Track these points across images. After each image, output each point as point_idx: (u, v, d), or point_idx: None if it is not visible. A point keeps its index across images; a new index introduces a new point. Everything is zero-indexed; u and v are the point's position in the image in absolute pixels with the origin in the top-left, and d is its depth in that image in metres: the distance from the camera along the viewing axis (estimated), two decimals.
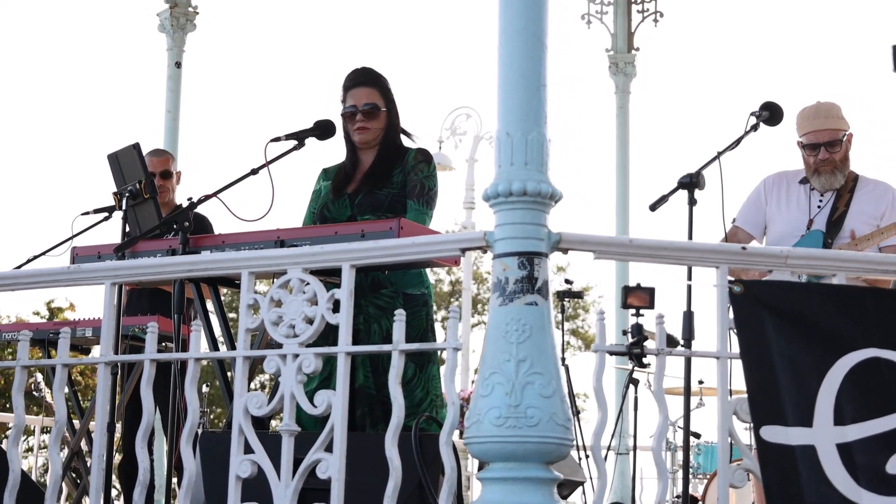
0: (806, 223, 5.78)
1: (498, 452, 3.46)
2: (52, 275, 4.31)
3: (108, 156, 5.62)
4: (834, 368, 3.53)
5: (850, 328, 3.59)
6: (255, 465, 3.82)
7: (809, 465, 3.48)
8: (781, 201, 5.87)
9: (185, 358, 4.01)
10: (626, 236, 3.66)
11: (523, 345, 3.48)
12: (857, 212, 5.77)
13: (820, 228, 5.73)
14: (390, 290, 5.25)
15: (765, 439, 3.52)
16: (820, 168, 5.79)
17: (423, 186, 5.34)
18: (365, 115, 5.44)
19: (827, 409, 3.51)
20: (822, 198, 5.84)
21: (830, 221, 5.76)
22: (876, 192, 5.85)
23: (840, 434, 3.51)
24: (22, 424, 4.24)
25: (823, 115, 5.80)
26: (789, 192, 5.89)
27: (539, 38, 3.63)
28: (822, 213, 5.79)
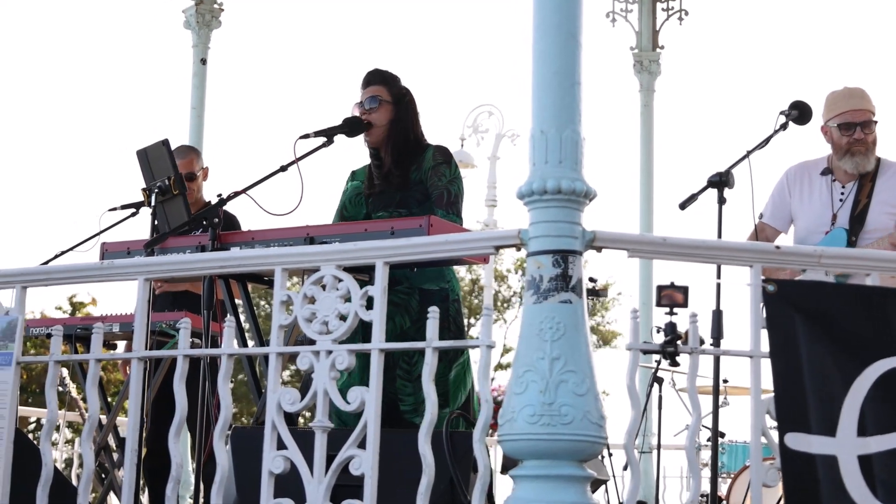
0: (830, 217, 5.73)
1: (531, 450, 3.46)
2: (86, 270, 4.33)
3: (137, 152, 5.63)
4: (861, 377, 3.52)
5: (881, 333, 3.57)
6: (288, 461, 3.83)
7: (829, 475, 3.47)
8: (804, 194, 5.82)
9: (219, 354, 4.01)
10: (660, 235, 3.65)
11: (557, 343, 3.47)
12: (879, 202, 5.72)
13: (843, 226, 5.68)
14: (405, 287, 5.26)
15: (788, 446, 3.51)
16: (854, 149, 5.72)
17: (448, 194, 5.35)
18: (368, 111, 5.48)
19: (851, 419, 3.50)
20: (843, 189, 5.78)
21: (853, 216, 5.71)
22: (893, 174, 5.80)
23: (862, 445, 3.49)
24: (55, 419, 4.26)
25: (859, 96, 5.76)
26: (811, 184, 5.83)
27: (573, 36, 3.63)
28: (845, 207, 5.73)
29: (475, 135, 17.28)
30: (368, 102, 5.53)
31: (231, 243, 5.09)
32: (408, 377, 5.13)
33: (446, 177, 5.40)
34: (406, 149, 5.52)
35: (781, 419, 3.53)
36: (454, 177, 5.44)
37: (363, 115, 5.52)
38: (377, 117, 5.52)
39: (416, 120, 5.62)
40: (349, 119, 5.52)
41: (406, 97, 5.60)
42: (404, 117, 5.56)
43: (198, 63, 10.25)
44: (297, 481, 3.86)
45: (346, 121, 5.50)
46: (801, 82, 31.61)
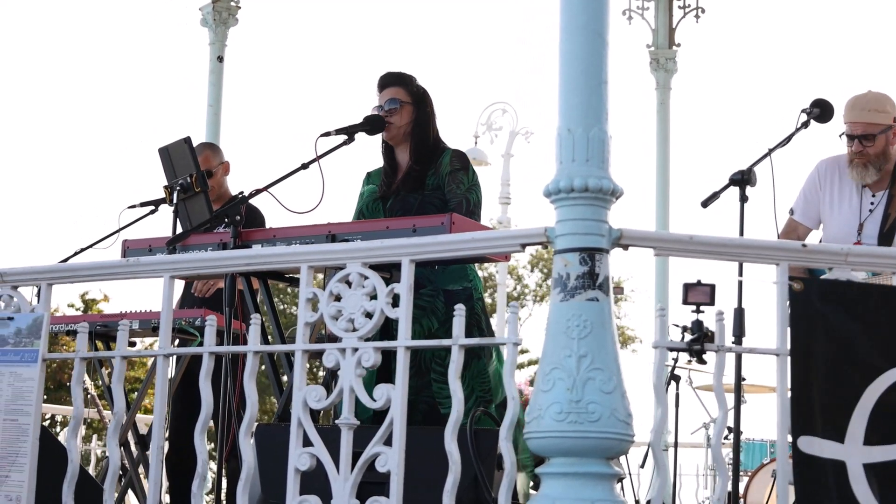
0: (856, 227, 5.64)
1: (558, 447, 3.47)
2: (112, 267, 4.35)
3: (159, 149, 5.65)
4: (875, 384, 3.53)
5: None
6: (314, 458, 3.84)
7: (838, 481, 3.48)
8: (835, 195, 5.72)
9: (245, 351, 4.02)
10: (687, 233, 3.65)
11: (584, 340, 3.48)
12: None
13: (870, 239, 5.58)
14: (430, 289, 5.26)
15: (801, 450, 3.52)
16: (853, 160, 5.68)
17: (468, 203, 5.35)
18: (389, 112, 5.50)
19: (860, 426, 3.51)
20: (873, 198, 5.69)
21: (882, 233, 5.61)
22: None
23: (868, 454, 3.50)
24: (81, 416, 4.28)
25: (860, 107, 5.67)
26: (842, 184, 5.74)
27: (600, 35, 3.64)
28: (874, 219, 5.63)
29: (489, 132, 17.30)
30: (388, 104, 5.54)
31: (252, 241, 5.10)
32: (442, 379, 5.12)
33: (465, 184, 5.40)
34: (425, 149, 5.53)
35: (795, 422, 3.53)
36: (472, 184, 5.44)
37: (384, 117, 5.53)
38: (398, 118, 5.53)
39: (435, 120, 5.64)
40: (370, 117, 5.53)
41: (424, 97, 5.62)
42: (424, 118, 5.58)
43: (214, 61, 10.23)
44: (321, 478, 3.87)
45: (366, 119, 5.52)
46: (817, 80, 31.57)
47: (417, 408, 5.12)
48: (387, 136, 5.59)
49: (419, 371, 5.15)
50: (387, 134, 5.58)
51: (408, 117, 5.55)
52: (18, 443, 4.21)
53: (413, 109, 5.57)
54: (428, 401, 5.13)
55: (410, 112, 5.56)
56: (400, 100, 5.55)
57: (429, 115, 5.61)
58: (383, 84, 5.63)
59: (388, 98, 5.57)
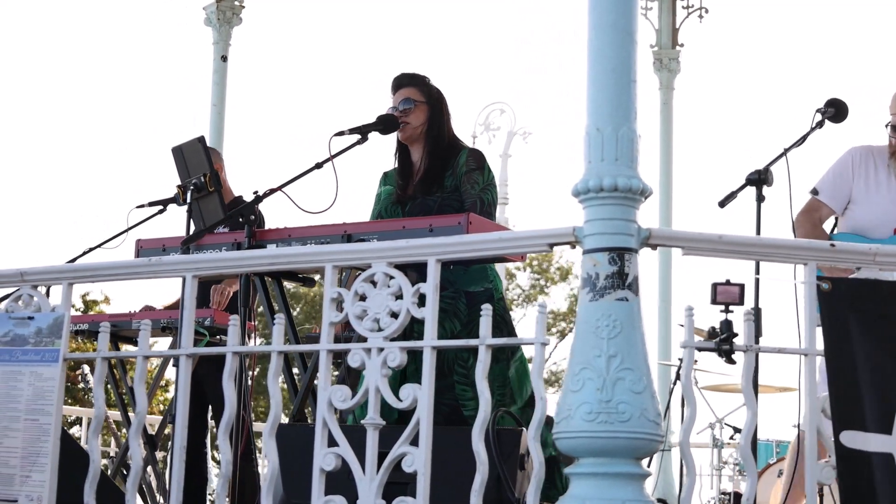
0: (894, 215, 5.55)
1: (588, 447, 3.46)
2: (134, 267, 4.33)
3: (173, 149, 5.64)
4: None
5: None
6: (339, 459, 3.83)
7: (886, 472, 3.48)
8: (870, 180, 5.58)
9: (269, 351, 4.01)
10: (716, 233, 3.65)
11: (614, 340, 3.47)
12: None
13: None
14: (451, 291, 5.23)
15: (844, 444, 3.51)
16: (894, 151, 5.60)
17: (482, 203, 5.34)
18: (403, 112, 5.49)
19: None
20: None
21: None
22: None
23: None
24: (102, 416, 4.26)
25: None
26: (878, 172, 5.61)
27: (629, 33, 3.64)
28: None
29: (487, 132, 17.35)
30: (402, 104, 5.53)
31: (267, 240, 5.09)
32: (466, 381, 5.11)
33: (479, 184, 5.39)
34: (441, 149, 5.51)
35: (837, 417, 3.52)
36: (488, 183, 5.43)
37: (399, 118, 5.52)
38: (412, 118, 5.52)
39: (450, 119, 5.63)
40: (383, 116, 5.52)
41: (439, 97, 5.61)
42: (438, 117, 5.57)
43: (218, 60, 10.25)
44: (343, 478, 3.86)
45: (380, 118, 5.50)
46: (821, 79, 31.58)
47: (440, 410, 5.08)
48: (402, 137, 5.58)
49: (442, 373, 5.12)
50: (402, 134, 5.56)
51: (423, 117, 5.54)
52: (39, 443, 4.19)
53: (427, 109, 5.55)
54: (450, 403, 5.12)
55: (425, 112, 5.55)
56: (414, 99, 5.54)
57: (443, 114, 5.59)
58: (397, 85, 5.62)
59: (402, 98, 5.55)
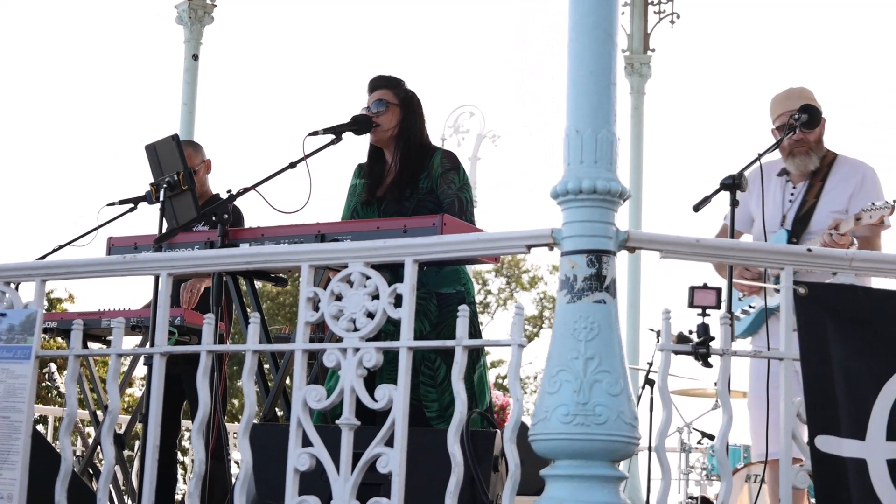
0: (780, 218, 5.69)
1: (565, 450, 3.46)
2: (108, 265, 4.30)
3: (146, 146, 5.61)
4: (892, 381, 3.53)
5: None
6: (314, 459, 3.81)
7: (859, 478, 3.48)
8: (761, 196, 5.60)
9: (244, 350, 3.99)
10: (693, 236, 3.65)
11: (591, 342, 3.47)
12: (825, 203, 5.66)
13: (788, 227, 5.65)
14: (423, 292, 5.22)
15: (819, 449, 3.52)
16: (795, 150, 5.69)
17: (460, 202, 5.34)
18: (376, 114, 5.48)
19: (881, 423, 3.51)
20: (794, 190, 5.74)
21: (797, 217, 5.67)
22: (845, 175, 5.73)
23: (891, 450, 3.51)
24: (74, 414, 4.24)
25: (796, 97, 5.71)
26: (768, 184, 5.69)
27: (609, 36, 3.64)
28: (793, 208, 5.71)
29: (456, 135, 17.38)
30: (375, 105, 5.52)
31: (240, 239, 5.07)
32: (431, 383, 5.11)
33: (455, 184, 5.39)
34: (413, 152, 5.50)
35: (812, 422, 3.54)
36: (463, 183, 5.43)
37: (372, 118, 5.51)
38: (384, 119, 5.51)
39: (423, 123, 5.62)
40: (357, 117, 5.51)
41: (412, 100, 5.60)
42: (411, 120, 5.56)
43: (189, 59, 10.19)
44: (317, 479, 3.85)
45: (354, 118, 5.49)
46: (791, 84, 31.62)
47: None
48: (373, 138, 5.57)
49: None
50: (373, 136, 5.55)
51: (395, 119, 5.53)
52: (10, 440, 4.16)
53: (400, 112, 5.54)
54: (414, 403, 5.07)
55: (397, 114, 5.53)
56: (387, 101, 5.52)
57: (416, 117, 5.58)
58: (373, 86, 5.61)
59: (375, 99, 5.55)
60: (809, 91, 5.80)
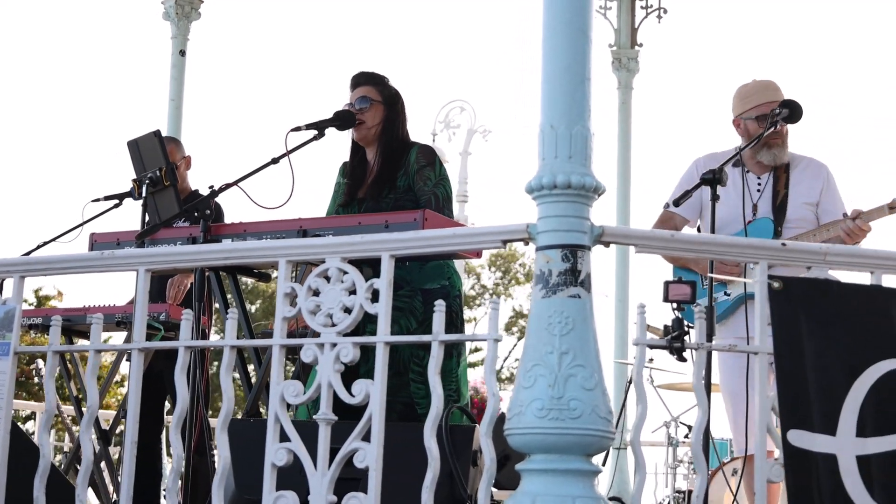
0: (750, 208, 5.68)
1: (540, 444, 3.46)
2: (86, 260, 4.31)
3: (128, 142, 5.62)
4: (862, 377, 3.55)
5: (884, 334, 3.60)
6: (291, 454, 3.82)
7: (829, 473, 3.50)
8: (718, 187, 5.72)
9: (222, 345, 4.00)
10: (668, 231, 3.67)
11: (566, 337, 3.48)
12: (796, 194, 5.70)
13: (766, 215, 5.66)
14: (408, 290, 5.24)
15: (791, 443, 3.53)
16: (772, 142, 5.69)
17: (436, 198, 5.34)
18: (360, 111, 5.47)
19: (851, 418, 3.53)
20: (759, 180, 5.76)
21: (776, 207, 5.68)
22: (809, 170, 5.79)
23: (861, 446, 3.52)
24: (53, 410, 4.24)
25: (773, 89, 5.74)
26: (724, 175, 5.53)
27: (584, 32, 3.64)
28: (765, 198, 5.71)
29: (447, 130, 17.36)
30: (359, 102, 5.51)
31: (222, 235, 5.08)
32: (421, 379, 5.11)
33: (432, 180, 5.39)
34: (393, 150, 5.51)
35: (784, 416, 3.55)
36: (440, 178, 5.43)
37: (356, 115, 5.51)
38: (368, 117, 5.51)
39: (405, 121, 5.62)
40: (340, 112, 5.51)
41: (396, 98, 5.60)
42: (394, 118, 5.56)
43: (177, 54, 10.20)
44: (295, 474, 3.85)
45: (336, 114, 5.49)
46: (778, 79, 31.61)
47: (394, 407, 5.11)
48: (356, 136, 5.56)
49: (397, 371, 5.13)
50: (356, 133, 5.55)
51: (378, 117, 5.52)
52: None
53: (383, 109, 5.54)
54: (405, 400, 5.12)
55: (381, 112, 5.53)
56: (371, 98, 5.52)
57: (399, 115, 5.58)
58: (356, 83, 5.60)
59: (359, 96, 5.54)
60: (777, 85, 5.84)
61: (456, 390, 5.20)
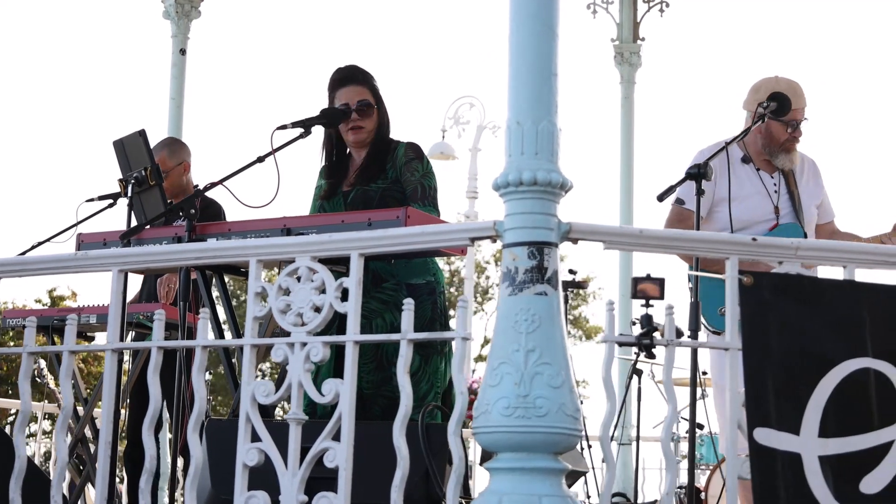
0: (771, 209, 5.65)
1: (506, 442, 3.45)
2: (60, 261, 4.31)
3: (114, 142, 5.62)
4: (828, 376, 3.53)
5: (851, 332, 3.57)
6: (263, 454, 3.81)
7: (793, 472, 3.48)
8: (732, 182, 5.63)
9: (192, 346, 3.99)
10: (636, 227, 3.64)
11: (532, 335, 3.46)
12: (805, 193, 5.70)
13: (789, 218, 5.63)
14: (392, 283, 5.24)
15: (757, 441, 3.51)
16: (790, 146, 5.69)
17: (423, 188, 5.34)
18: (359, 114, 5.44)
19: (814, 418, 3.51)
20: (773, 180, 5.73)
21: (795, 208, 5.67)
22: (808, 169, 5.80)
23: (823, 446, 3.50)
24: (28, 411, 4.23)
25: (801, 94, 5.70)
26: (735, 171, 5.67)
27: (550, 27, 3.62)
28: (783, 199, 5.68)
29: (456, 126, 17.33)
30: (359, 104, 5.46)
31: (208, 234, 5.07)
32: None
33: (419, 171, 5.39)
34: (383, 145, 5.50)
35: (751, 413, 3.52)
36: (427, 171, 5.43)
37: (354, 121, 5.46)
38: (368, 122, 5.48)
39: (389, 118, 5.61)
40: (327, 110, 5.49)
41: (380, 94, 5.58)
42: (385, 118, 5.56)
43: (177, 53, 10.18)
44: (272, 474, 3.84)
45: (323, 111, 5.47)
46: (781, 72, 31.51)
47: (377, 402, 5.11)
48: (354, 139, 5.51)
49: (380, 365, 5.13)
50: (354, 137, 5.50)
51: (375, 121, 5.51)
52: None
53: (378, 112, 5.52)
54: (388, 395, 5.11)
55: (377, 115, 5.51)
56: (368, 102, 5.48)
57: (387, 114, 5.58)
58: (348, 80, 5.54)
59: (357, 98, 5.47)
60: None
61: (441, 387, 5.19)
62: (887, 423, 3.55)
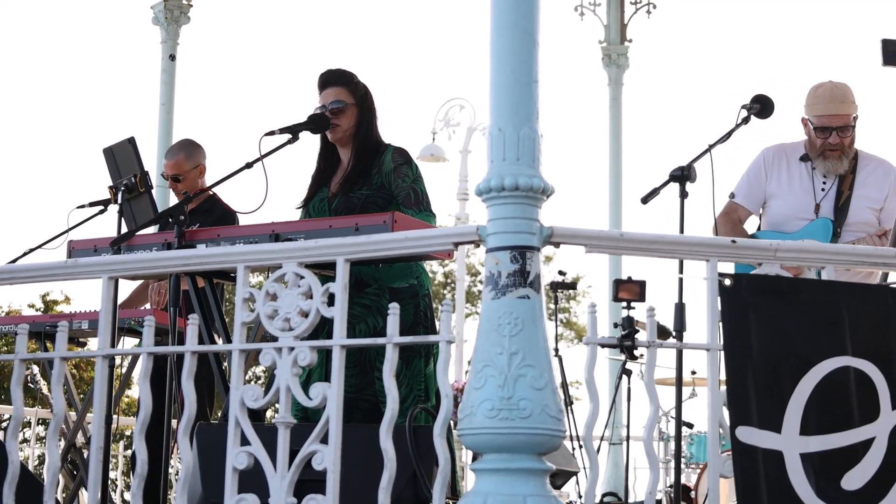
0: (812, 206, 5.74)
1: (490, 444, 3.50)
2: (50, 269, 4.35)
3: (104, 150, 5.66)
4: (809, 374, 3.58)
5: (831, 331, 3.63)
6: (252, 457, 3.86)
7: (775, 470, 3.53)
8: (783, 178, 5.80)
9: (182, 351, 4.04)
10: (618, 230, 3.71)
11: (515, 338, 3.52)
12: (860, 196, 5.76)
13: (827, 216, 5.71)
14: (375, 288, 5.27)
15: (739, 440, 3.56)
16: (828, 153, 5.75)
17: (415, 193, 5.37)
18: (332, 114, 5.48)
19: (795, 416, 3.56)
20: (825, 179, 5.80)
21: (837, 208, 5.73)
22: (878, 172, 5.83)
23: (804, 444, 3.56)
24: (20, 417, 4.27)
25: (839, 100, 5.74)
26: (790, 168, 5.82)
27: (530, 34, 3.67)
28: (828, 198, 5.75)
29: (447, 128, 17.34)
30: (332, 105, 5.51)
31: (197, 241, 5.11)
32: None
33: (409, 177, 5.41)
34: (367, 149, 5.53)
35: (733, 412, 3.58)
36: (416, 176, 5.46)
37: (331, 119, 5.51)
38: (343, 120, 5.51)
39: (376, 119, 5.64)
40: (314, 116, 5.53)
41: (366, 96, 5.61)
42: (367, 118, 5.57)
43: (167, 59, 10.23)
44: (262, 477, 3.89)
45: (310, 117, 5.51)
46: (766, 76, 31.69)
47: (359, 406, 5.15)
48: (332, 138, 5.58)
49: (363, 369, 5.17)
50: (332, 135, 5.56)
51: (353, 119, 5.54)
52: None
53: (357, 111, 5.55)
54: (370, 399, 5.15)
55: (355, 114, 5.54)
56: (344, 101, 5.53)
57: (371, 113, 5.60)
58: (325, 82, 5.59)
59: (332, 99, 5.53)
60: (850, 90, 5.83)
61: (424, 390, 5.23)
62: (867, 420, 3.61)
